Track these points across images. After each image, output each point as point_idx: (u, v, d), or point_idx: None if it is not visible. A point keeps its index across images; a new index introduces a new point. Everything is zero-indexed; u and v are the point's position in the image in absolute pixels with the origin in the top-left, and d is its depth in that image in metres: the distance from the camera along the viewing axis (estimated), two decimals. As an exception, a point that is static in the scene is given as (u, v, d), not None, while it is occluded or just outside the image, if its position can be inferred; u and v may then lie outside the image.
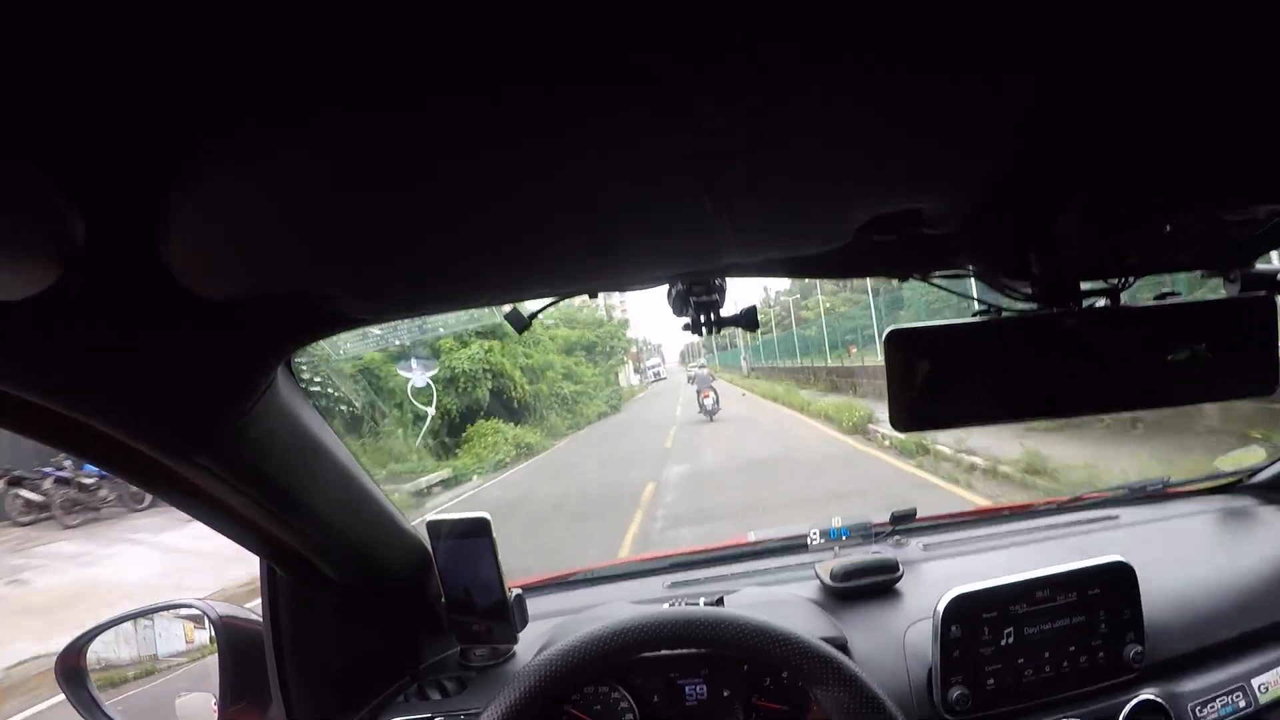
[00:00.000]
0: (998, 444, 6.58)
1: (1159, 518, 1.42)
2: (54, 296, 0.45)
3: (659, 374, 50.29)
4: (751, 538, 1.42)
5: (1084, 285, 0.77)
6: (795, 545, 1.35)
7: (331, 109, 0.41)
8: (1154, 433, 6.10)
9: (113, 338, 0.56)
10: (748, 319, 0.85)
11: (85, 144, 0.41)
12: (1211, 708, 1.01)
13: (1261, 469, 1.52)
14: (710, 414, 14.91)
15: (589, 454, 13.51)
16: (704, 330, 0.82)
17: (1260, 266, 0.79)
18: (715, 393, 15.25)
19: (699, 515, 6.39)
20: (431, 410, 14.67)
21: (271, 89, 0.39)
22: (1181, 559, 1.22)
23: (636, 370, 50.52)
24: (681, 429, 14.25)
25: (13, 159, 0.37)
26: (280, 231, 0.53)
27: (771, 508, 6.00)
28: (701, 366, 21.15)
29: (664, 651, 0.93)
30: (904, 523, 1.34)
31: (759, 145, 0.48)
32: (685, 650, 0.91)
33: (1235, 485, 1.53)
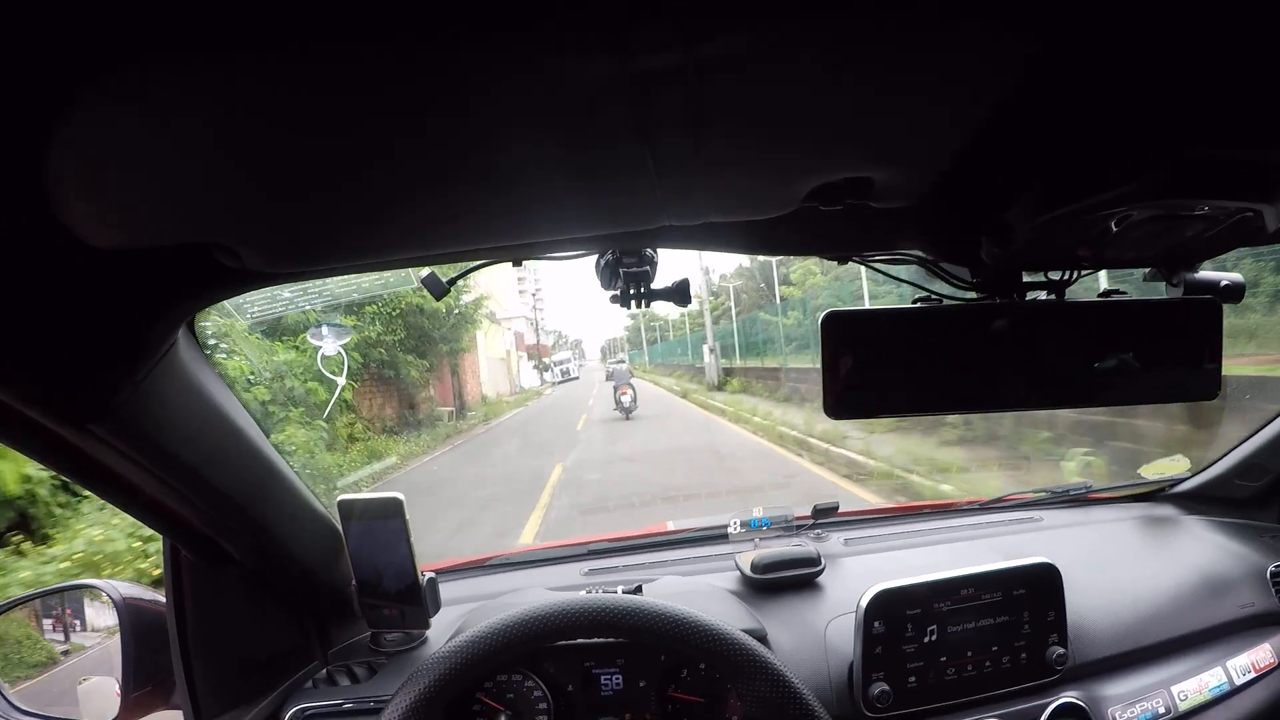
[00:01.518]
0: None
1: (1082, 521, 1.45)
2: None
3: (568, 372, 44.95)
4: (671, 526, 1.42)
5: (1027, 278, 0.76)
6: (715, 535, 1.36)
7: (240, 49, 0.38)
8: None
9: None
10: (679, 291, 0.83)
11: None
12: (1132, 712, 1.03)
13: (1184, 479, 1.57)
14: (627, 412, 14.46)
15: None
16: (633, 302, 0.80)
17: (1204, 272, 0.79)
18: (633, 390, 14.85)
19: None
20: (341, 380, 14.08)
21: (176, 22, 0.36)
22: (1104, 563, 1.25)
23: (538, 367, 45.13)
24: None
25: None
26: (181, 175, 0.49)
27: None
28: (620, 362, 20.11)
29: (579, 640, 0.92)
30: (826, 516, 1.35)
31: (701, 85, 0.43)
32: (601, 639, 0.91)
33: (1158, 494, 1.57)
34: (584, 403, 20.76)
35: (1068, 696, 1.01)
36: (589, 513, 5.90)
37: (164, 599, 1.03)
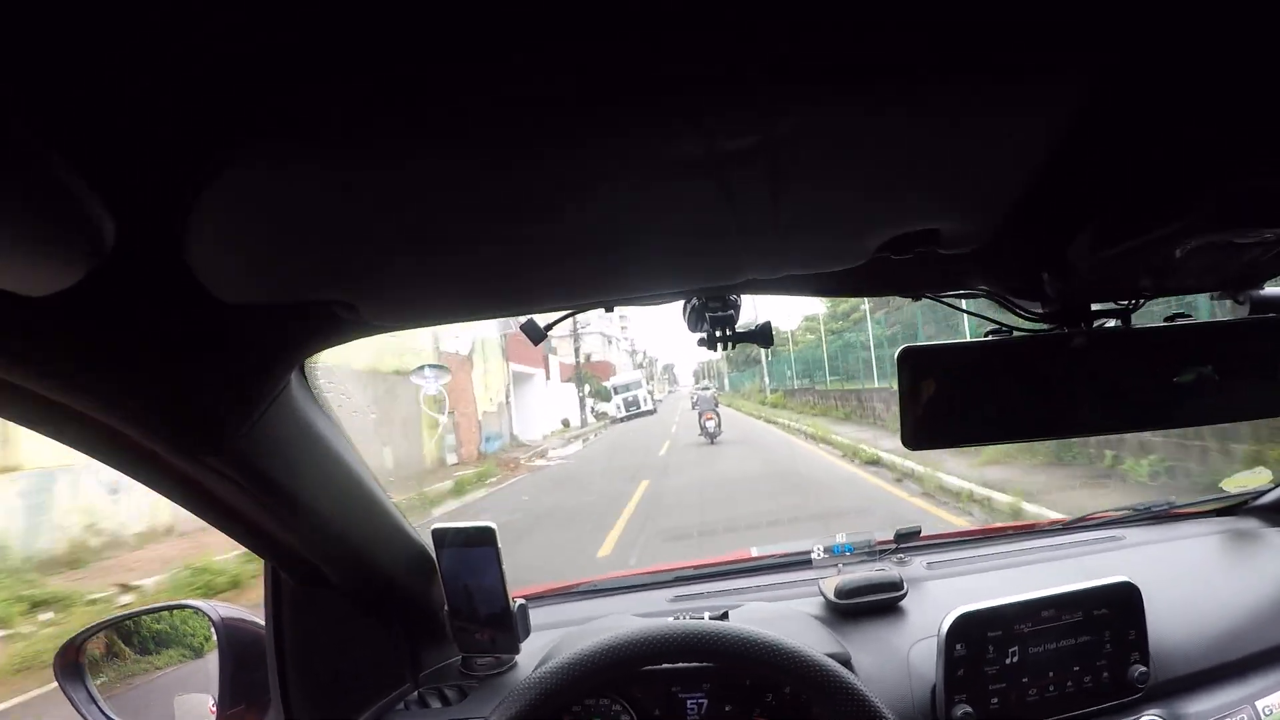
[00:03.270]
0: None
1: (1164, 539, 1.42)
2: (78, 292, 0.45)
3: (635, 402, 29.84)
4: (754, 553, 1.42)
5: (1095, 306, 0.78)
6: (799, 561, 1.35)
7: (356, 124, 0.41)
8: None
9: (133, 336, 0.57)
10: (763, 334, 0.85)
11: (119, 145, 0.41)
12: None
13: (1267, 491, 1.52)
14: (712, 437, 14.87)
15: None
16: (719, 345, 0.83)
17: (1269, 290, 0.80)
18: (718, 416, 15.26)
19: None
20: (443, 418, 14.94)
21: (302, 102, 0.39)
22: (1187, 580, 1.22)
23: (593, 395, 32.65)
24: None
25: (47, 157, 0.37)
26: (304, 240, 0.53)
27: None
28: (705, 389, 19.76)
29: (666, 665, 0.93)
30: (908, 540, 1.34)
31: (777, 157, 0.48)
32: (688, 664, 0.91)
33: (1240, 507, 1.53)
34: (650, 452, 14.61)
35: (1151, 714, 1.00)
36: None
37: (260, 620, 1.06)
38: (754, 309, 0.90)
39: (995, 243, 0.66)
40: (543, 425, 24.64)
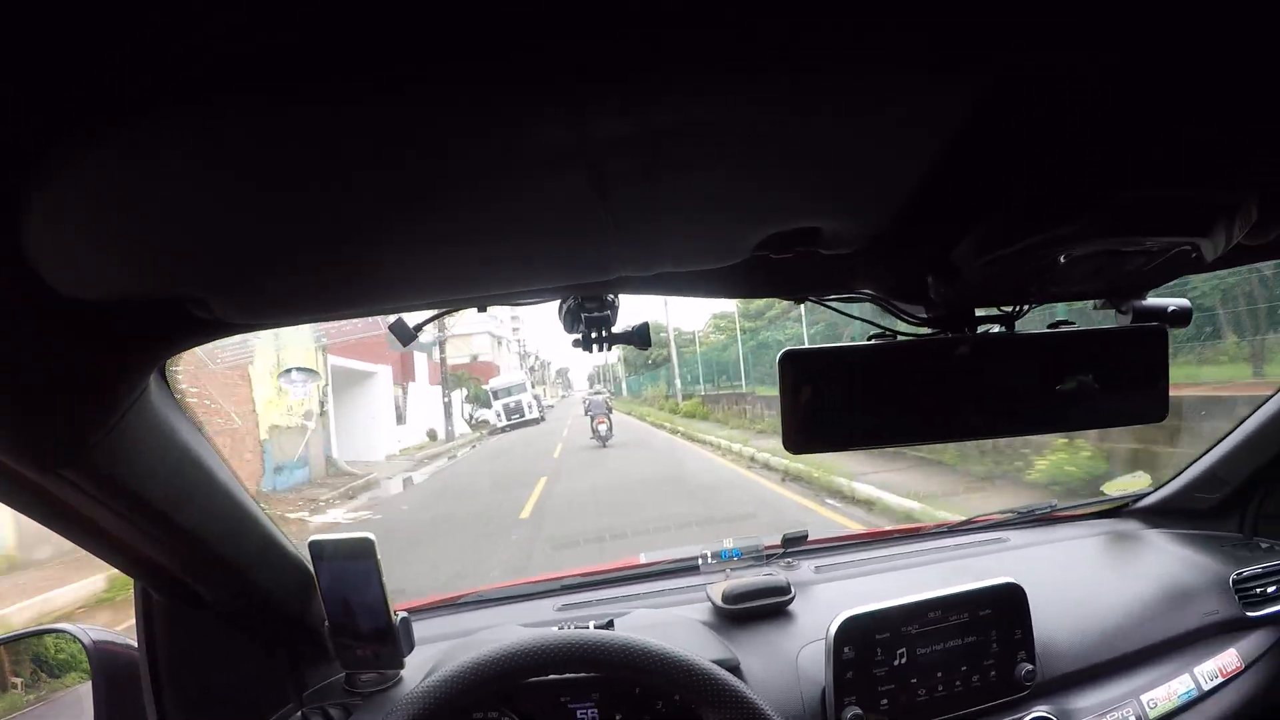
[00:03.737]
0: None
1: (1048, 540, 1.48)
2: None
3: (520, 409, 25.77)
4: (643, 559, 1.43)
5: (979, 311, 0.78)
6: (687, 567, 1.37)
7: (203, 102, 0.38)
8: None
9: None
10: (639, 335, 0.84)
11: None
12: None
13: (1146, 494, 1.61)
14: (604, 440, 14.79)
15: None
16: (595, 347, 0.82)
17: (1151, 300, 0.81)
18: (610, 420, 15.33)
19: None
20: (312, 424, 13.51)
21: (154, 75, 0.36)
22: (1071, 580, 1.28)
23: (474, 400, 28.99)
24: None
25: None
26: (156, 233, 0.50)
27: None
28: (597, 393, 19.26)
29: (553, 676, 0.93)
30: (795, 545, 1.37)
31: (654, 147, 0.45)
32: (575, 674, 0.92)
33: (1121, 509, 1.61)
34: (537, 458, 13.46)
35: (1039, 711, 1.04)
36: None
37: (132, 642, 1.03)
38: (641, 310, 0.86)
39: (879, 244, 0.66)
40: (392, 439, 19.12)
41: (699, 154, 0.48)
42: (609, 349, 0.84)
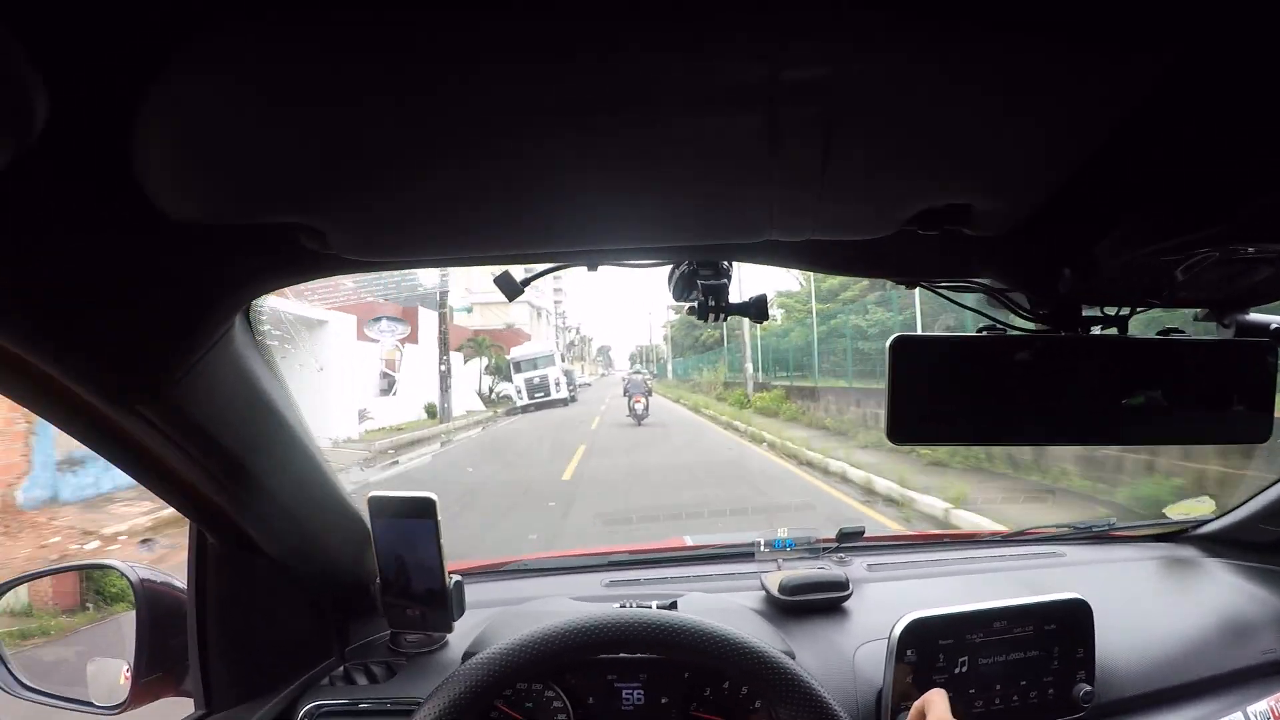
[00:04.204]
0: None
1: (1104, 559, 1.44)
2: None
3: (545, 387, 21.90)
4: (689, 542, 1.41)
5: (1085, 311, 0.76)
6: (740, 554, 1.34)
7: (342, 19, 0.36)
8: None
9: (59, 255, 0.50)
10: (757, 308, 0.80)
11: (65, 11, 0.35)
12: None
13: (1208, 520, 1.56)
14: (639, 418, 15.14)
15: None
16: (710, 316, 0.78)
17: (1255, 315, 0.79)
18: (646, 399, 15.58)
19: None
20: (398, 374, 13.29)
21: None
22: (1128, 602, 1.23)
23: (494, 372, 24.09)
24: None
25: None
26: (276, 150, 0.47)
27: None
28: (636, 373, 19.85)
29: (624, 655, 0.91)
30: (850, 540, 1.34)
31: (842, 97, 0.43)
32: (632, 654, 0.90)
33: (1180, 534, 1.56)
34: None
35: None
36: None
37: (180, 583, 1.02)
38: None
39: (1022, 230, 0.63)
40: (369, 414, 14.35)
41: (876, 112, 0.46)
42: (724, 319, 0.80)
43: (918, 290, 0.86)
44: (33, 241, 0.48)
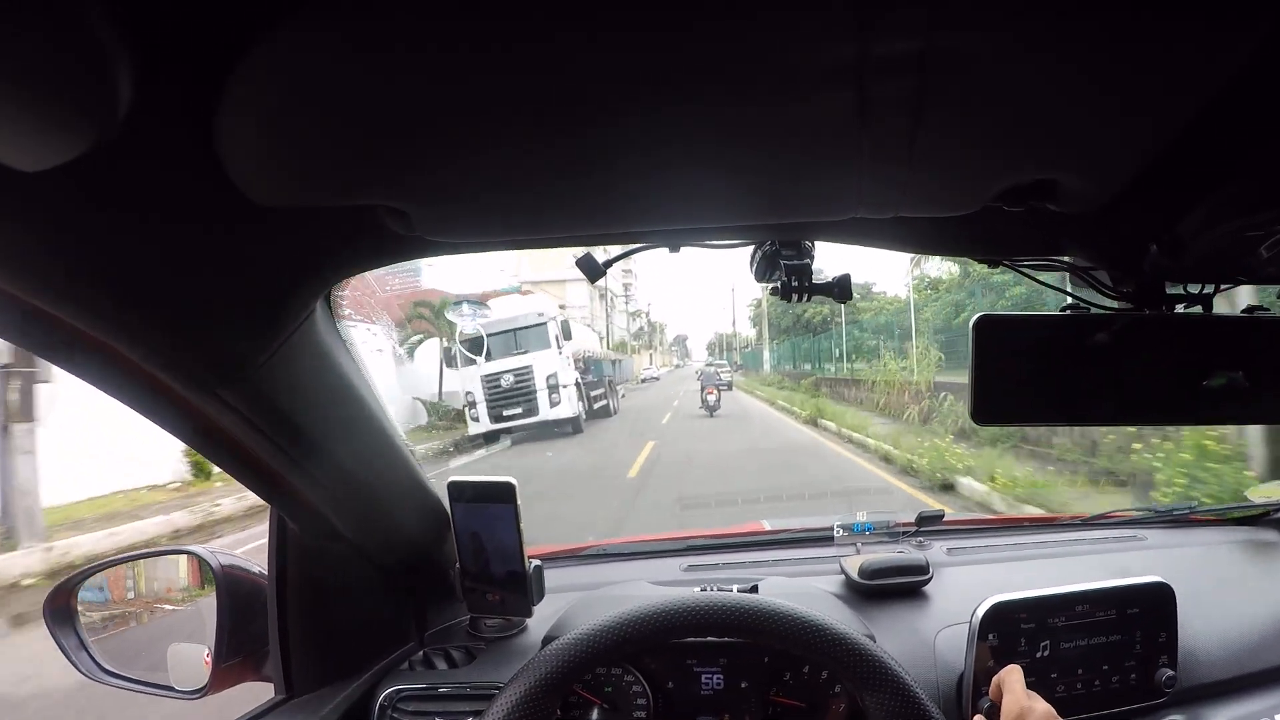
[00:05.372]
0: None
1: (1185, 543, 1.41)
2: (78, 172, 0.38)
3: (528, 396, 12.21)
4: (767, 526, 1.39)
5: (1168, 289, 0.74)
6: (818, 538, 1.32)
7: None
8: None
9: (140, 237, 0.50)
10: (840, 287, 0.79)
11: None
12: None
13: (1292, 504, 1.50)
14: (711, 410, 15.28)
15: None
16: (794, 296, 0.77)
17: None
18: (719, 391, 15.65)
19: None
20: (481, 359, 11.96)
21: None
22: (1210, 586, 1.20)
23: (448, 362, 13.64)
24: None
25: None
26: (361, 130, 0.46)
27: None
28: (710, 364, 19.74)
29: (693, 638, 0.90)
30: (930, 524, 1.32)
31: (934, 72, 0.42)
32: (716, 638, 0.88)
33: (1262, 517, 1.51)
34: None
35: (1174, 719, 0.98)
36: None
37: (260, 570, 1.02)
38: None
39: (1108, 206, 0.62)
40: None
41: (967, 87, 0.44)
42: (808, 299, 0.78)
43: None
44: (117, 226, 0.48)
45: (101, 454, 7.39)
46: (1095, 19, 0.40)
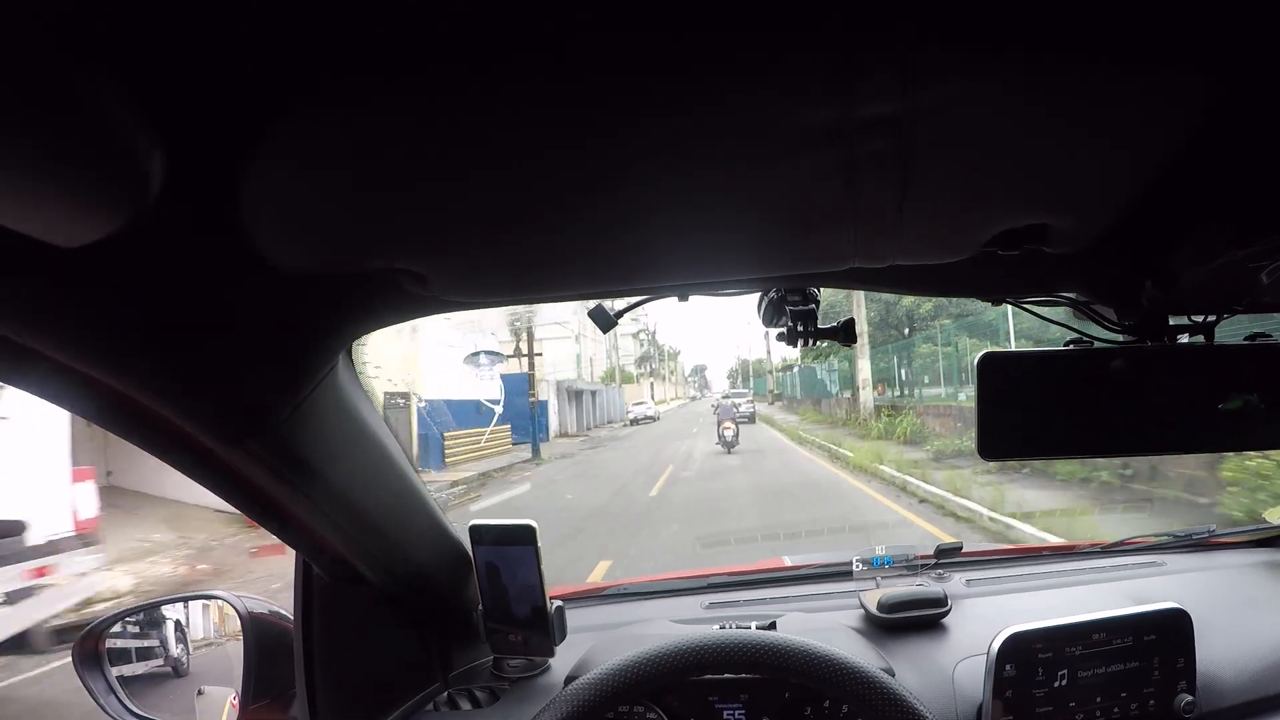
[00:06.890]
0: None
1: (1205, 567, 1.39)
2: (112, 247, 0.41)
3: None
4: (788, 562, 1.39)
5: (1171, 320, 0.76)
6: (837, 573, 1.32)
7: (437, 74, 0.38)
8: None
9: (171, 304, 0.52)
10: (845, 331, 0.82)
11: (176, 73, 0.37)
12: None
13: (1309, 524, 1.49)
14: (729, 446, 15.05)
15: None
16: (800, 341, 0.80)
17: None
18: (736, 425, 15.35)
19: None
20: (498, 409, 13.42)
21: (378, 47, 0.36)
22: (1230, 609, 1.19)
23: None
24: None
25: (101, 75, 0.34)
26: (380, 203, 0.49)
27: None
28: (726, 397, 19.17)
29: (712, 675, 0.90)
30: (948, 556, 1.32)
31: (914, 130, 0.44)
32: (735, 674, 0.88)
33: None
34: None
35: None
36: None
37: (285, 613, 1.03)
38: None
39: (1100, 244, 0.64)
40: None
41: (948, 143, 0.47)
42: (814, 343, 0.82)
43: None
44: (151, 295, 0.51)
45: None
46: (1064, 73, 0.42)
